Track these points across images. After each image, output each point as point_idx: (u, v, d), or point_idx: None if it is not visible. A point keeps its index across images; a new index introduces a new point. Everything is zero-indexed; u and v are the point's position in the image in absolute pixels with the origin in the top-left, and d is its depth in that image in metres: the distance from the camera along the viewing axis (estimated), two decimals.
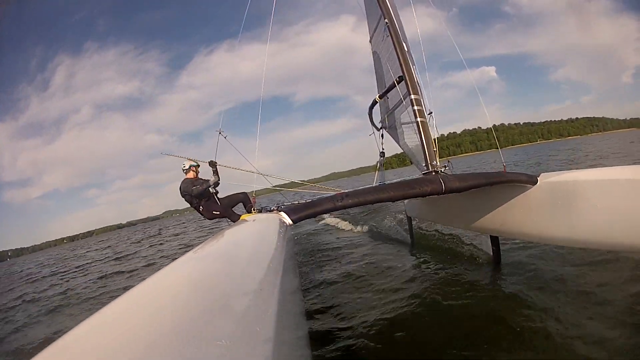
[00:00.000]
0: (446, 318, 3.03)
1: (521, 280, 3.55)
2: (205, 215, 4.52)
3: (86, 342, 0.67)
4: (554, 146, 50.95)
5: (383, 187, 3.07)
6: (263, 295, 0.86)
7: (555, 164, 15.27)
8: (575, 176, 2.90)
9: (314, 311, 3.61)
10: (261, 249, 1.50)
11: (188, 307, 0.78)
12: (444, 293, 3.51)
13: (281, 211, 2.63)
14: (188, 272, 1.25)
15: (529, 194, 3.15)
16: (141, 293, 0.96)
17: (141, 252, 13.44)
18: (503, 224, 3.46)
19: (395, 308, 3.37)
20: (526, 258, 4.06)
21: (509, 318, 2.79)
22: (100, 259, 14.68)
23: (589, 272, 3.39)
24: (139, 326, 0.69)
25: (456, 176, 3.14)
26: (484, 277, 3.89)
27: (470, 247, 4.72)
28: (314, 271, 5.17)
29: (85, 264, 13.90)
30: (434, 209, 4.87)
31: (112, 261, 12.60)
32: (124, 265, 10.59)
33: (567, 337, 2.42)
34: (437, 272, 4.24)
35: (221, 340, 0.58)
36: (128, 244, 20.05)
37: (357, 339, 2.88)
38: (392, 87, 4.03)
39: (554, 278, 3.44)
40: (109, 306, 0.84)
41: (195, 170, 4.49)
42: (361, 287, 4.16)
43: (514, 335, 2.54)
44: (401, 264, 4.75)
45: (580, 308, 2.78)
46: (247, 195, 4.59)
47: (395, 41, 3.85)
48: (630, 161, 11.38)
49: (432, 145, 3.57)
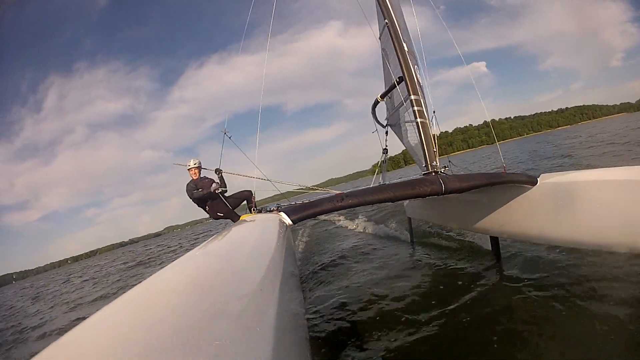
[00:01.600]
0: (446, 318, 3.02)
1: (521, 280, 3.54)
2: (210, 215, 4.61)
3: (86, 342, 0.67)
4: (544, 138, 50.50)
5: (383, 188, 3.07)
6: (263, 295, 0.86)
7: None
8: (575, 177, 2.90)
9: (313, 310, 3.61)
10: (261, 249, 1.50)
11: (188, 307, 0.78)
12: (444, 294, 3.51)
13: (281, 211, 2.63)
14: (188, 272, 1.25)
15: (529, 195, 3.14)
16: (141, 293, 0.96)
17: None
18: (503, 225, 3.46)
19: (395, 308, 3.37)
20: (526, 258, 4.06)
21: (509, 318, 2.79)
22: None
23: (589, 272, 3.38)
24: (138, 326, 0.70)
25: (456, 177, 3.13)
26: (484, 278, 3.88)
27: (470, 247, 4.71)
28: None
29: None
30: (434, 210, 4.87)
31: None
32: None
33: (567, 337, 2.42)
34: (437, 274, 4.23)
35: (221, 341, 0.58)
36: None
37: (357, 339, 2.88)
38: (393, 88, 4.03)
39: (554, 278, 3.44)
40: (108, 306, 0.85)
41: (197, 171, 4.48)
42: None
43: (514, 336, 2.54)
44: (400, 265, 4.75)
45: (581, 309, 2.78)
46: (252, 193, 4.63)
47: (395, 41, 3.84)
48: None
49: (432, 146, 3.56)
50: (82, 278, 19.39)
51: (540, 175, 3.19)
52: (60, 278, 27.03)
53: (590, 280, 3.20)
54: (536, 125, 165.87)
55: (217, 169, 4.22)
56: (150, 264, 14.85)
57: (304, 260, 6.34)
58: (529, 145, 34.50)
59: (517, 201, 3.24)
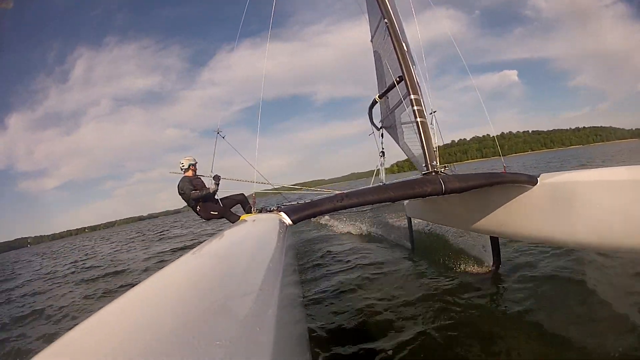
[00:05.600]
0: (446, 319, 3.03)
1: (521, 280, 3.55)
2: (202, 215, 4.43)
3: (86, 342, 0.67)
4: (547, 156, 52.13)
5: (383, 188, 3.07)
6: (263, 295, 0.86)
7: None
8: (575, 177, 2.90)
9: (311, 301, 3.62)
10: (261, 249, 1.50)
11: (187, 308, 0.78)
12: (444, 294, 3.51)
13: (281, 211, 2.62)
14: (188, 272, 1.25)
15: (529, 195, 3.14)
16: (141, 293, 0.96)
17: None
18: (503, 225, 3.46)
19: (393, 306, 3.37)
20: (526, 258, 4.07)
21: (509, 319, 2.79)
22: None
23: (589, 272, 3.39)
24: (138, 326, 0.70)
25: (456, 176, 3.13)
26: (484, 278, 3.89)
27: (470, 247, 4.72)
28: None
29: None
30: (434, 210, 4.86)
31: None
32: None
33: (567, 338, 2.42)
34: (437, 276, 4.24)
35: (220, 341, 0.58)
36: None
37: (357, 339, 2.89)
38: (392, 87, 4.02)
39: (554, 278, 3.45)
40: (108, 306, 0.84)
41: (193, 169, 4.41)
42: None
43: (513, 337, 2.54)
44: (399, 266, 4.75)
45: (582, 310, 2.79)
46: (245, 196, 4.54)
47: (395, 41, 3.84)
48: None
49: (432, 146, 3.56)
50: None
51: (540, 175, 3.19)
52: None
53: (590, 280, 3.20)
54: (549, 142, 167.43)
55: (216, 175, 4.12)
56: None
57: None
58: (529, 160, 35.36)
59: (517, 201, 3.24)
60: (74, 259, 15.42)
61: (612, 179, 2.65)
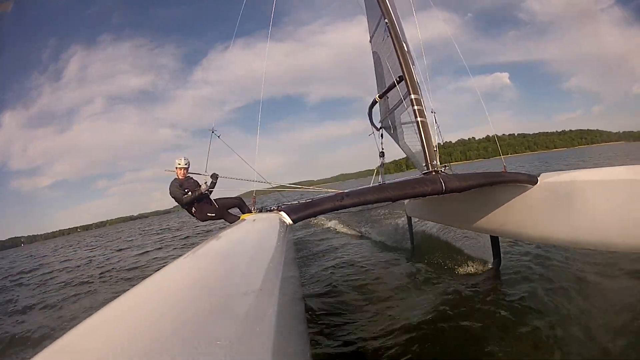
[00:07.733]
0: (445, 319, 3.03)
1: (522, 280, 3.55)
2: (197, 217, 4.21)
3: (86, 342, 0.67)
4: (524, 159, 52.30)
5: (383, 187, 3.07)
6: (263, 295, 0.85)
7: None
8: (575, 176, 2.90)
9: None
10: (261, 249, 1.50)
11: (188, 307, 0.78)
12: (444, 293, 3.51)
13: (281, 211, 2.62)
14: (188, 272, 1.25)
15: (529, 194, 3.14)
16: (141, 293, 0.96)
17: None
18: (503, 224, 3.46)
19: (393, 306, 3.37)
20: (526, 258, 4.06)
21: (509, 319, 2.79)
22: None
23: (590, 272, 3.39)
24: (139, 326, 0.70)
25: (456, 176, 3.13)
26: (484, 277, 3.88)
27: (470, 246, 4.71)
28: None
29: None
30: (434, 209, 4.86)
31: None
32: None
33: (567, 338, 2.42)
34: (437, 276, 4.23)
35: (221, 340, 0.58)
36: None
37: (357, 339, 2.88)
38: (392, 87, 4.02)
39: (554, 277, 3.44)
40: (109, 306, 0.84)
41: (184, 171, 4.09)
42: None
43: (513, 337, 2.54)
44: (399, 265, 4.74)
45: (581, 310, 2.78)
46: (242, 200, 4.42)
47: (395, 41, 3.84)
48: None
49: (432, 145, 3.55)
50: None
51: (540, 174, 3.19)
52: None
53: (590, 280, 3.20)
54: (533, 145, 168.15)
55: (214, 174, 3.98)
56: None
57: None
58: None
59: (518, 200, 3.24)
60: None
61: (611, 179, 2.65)
